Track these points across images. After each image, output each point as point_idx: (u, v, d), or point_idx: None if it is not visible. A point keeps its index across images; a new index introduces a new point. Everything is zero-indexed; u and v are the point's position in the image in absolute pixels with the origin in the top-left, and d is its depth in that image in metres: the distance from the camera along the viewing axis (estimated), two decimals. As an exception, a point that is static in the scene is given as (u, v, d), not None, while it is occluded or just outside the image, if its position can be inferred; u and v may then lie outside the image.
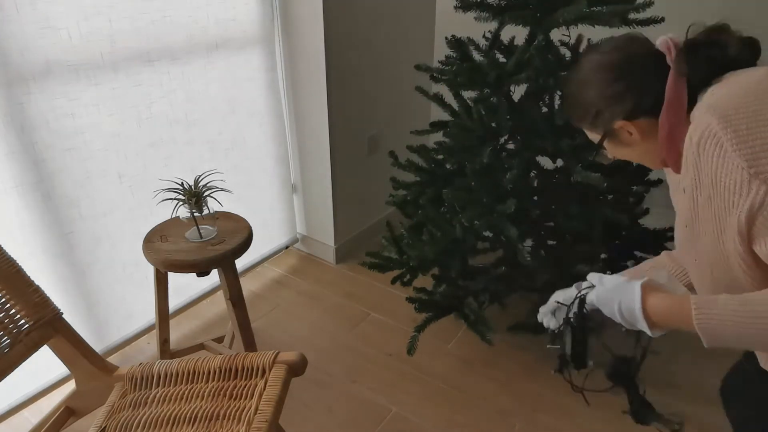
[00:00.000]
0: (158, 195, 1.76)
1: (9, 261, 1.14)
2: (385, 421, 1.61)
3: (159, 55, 1.68)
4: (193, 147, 1.89)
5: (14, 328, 1.11)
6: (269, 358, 1.17)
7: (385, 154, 2.50)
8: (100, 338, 1.80)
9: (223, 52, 1.88)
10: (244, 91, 2.01)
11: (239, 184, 2.13)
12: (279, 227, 2.42)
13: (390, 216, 2.66)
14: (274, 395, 1.09)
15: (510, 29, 1.57)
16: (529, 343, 1.90)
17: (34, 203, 1.50)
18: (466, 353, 1.88)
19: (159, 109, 1.74)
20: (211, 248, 1.46)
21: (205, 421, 1.07)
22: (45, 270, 1.57)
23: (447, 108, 1.70)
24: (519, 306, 2.08)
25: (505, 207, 1.44)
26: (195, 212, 1.48)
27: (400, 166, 1.81)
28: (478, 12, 1.54)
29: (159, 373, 1.18)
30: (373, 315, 2.08)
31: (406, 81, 2.49)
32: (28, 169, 1.46)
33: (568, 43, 1.64)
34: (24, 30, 1.35)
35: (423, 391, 1.72)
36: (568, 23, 1.40)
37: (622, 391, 1.10)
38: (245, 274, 2.33)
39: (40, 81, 1.42)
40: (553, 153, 1.50)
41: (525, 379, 1.76)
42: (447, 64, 1.66)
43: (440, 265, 1.74)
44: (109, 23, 1.52)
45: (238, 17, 1.89)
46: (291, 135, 2.28)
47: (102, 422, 1.08)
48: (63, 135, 1.51)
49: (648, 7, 1.39)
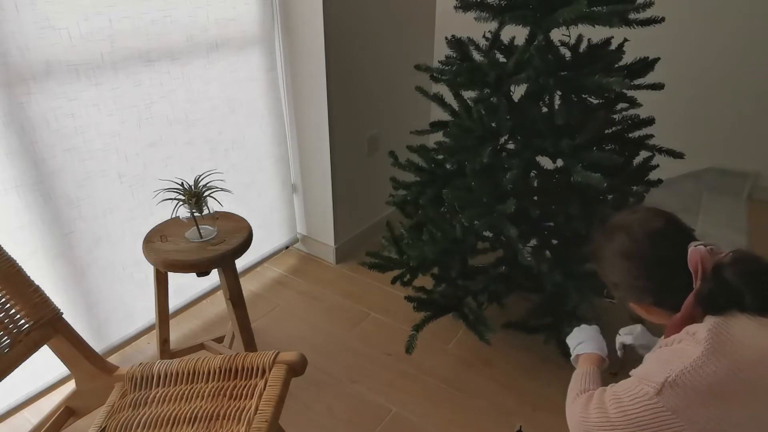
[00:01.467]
0: (158, 195, 1.76)
1: (9, 261, 1.14)
2: (385, 421, 1.61)
3: (159, 55, 1.68)
4: (193, 147, 1.89)
5: (14, 328, 1.11)
6: (269, 358, 1.17)
7: (385, 154, 2.50)
8: (100, 338, 1.80)
9: (223, 52, 1.88)
10: (244, 91, 2.01)
11: (239, 184, 2.13)
12: (279, 227, 2.42)
13: (390, 216, 2.66)
14: (274, 395, 1.09)
15: (510, 29, 1.57)
16: (528, 343, 1.90)
17: (34, 203, 1.50)
18: (465, 353, 1.88)
19: (159, 109, 1.74)
20: (211, 248, 1.46)
21: (205, 421, 1.07)
22: (45, 270, 1.57)
23: (447, 108, 1.70)
24: (518, 306, 2.08)
25: (505, 207, 1.44)
26: (195, 212, 1.48)
27: (400, 166, 1.81)
28: (478, 12, 1.54)
29: (159, 373, 1.18)
30: (372, 315, 2.08)
31: (406, 81, 2.49)
32: (28, 169, 1.46)
33: (568, 43, 1.64)
34: (24, 30, 1.35)
35: (423, 391, 1.72)
36: (568, 23, 1.40)
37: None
38: (245, 274, 2.33)
39: (40, 81, 1.42)
40: (553, 153, 1.50)
41: (525, 378, 1.76)
42: (447, 64, 1.66)
43: (440, 265, 1.74)
44: (109, 23, 1.52)
45: (238, 17, 1.89)
46: (291, 135, 2.28)
47: (102, 422, 1.08)
48: (63, 135, 1.51)
49: (648, 7, 1.40)
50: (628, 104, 1.63)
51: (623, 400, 0.81)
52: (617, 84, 1.33)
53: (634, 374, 0.84)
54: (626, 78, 1.50)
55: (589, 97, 1.60)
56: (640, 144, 1.64)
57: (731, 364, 0.74)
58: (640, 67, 1.57)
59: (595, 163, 1.42)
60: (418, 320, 1.74)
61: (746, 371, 0.74)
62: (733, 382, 0.73)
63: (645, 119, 1.64)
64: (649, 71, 1.57)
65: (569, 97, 1.55)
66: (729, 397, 0.73)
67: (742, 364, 0.74)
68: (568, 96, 1.55)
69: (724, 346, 0.75)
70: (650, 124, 1.64)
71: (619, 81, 1.32)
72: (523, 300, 2.11)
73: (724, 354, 0.74)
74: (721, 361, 0.74)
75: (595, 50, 1.59)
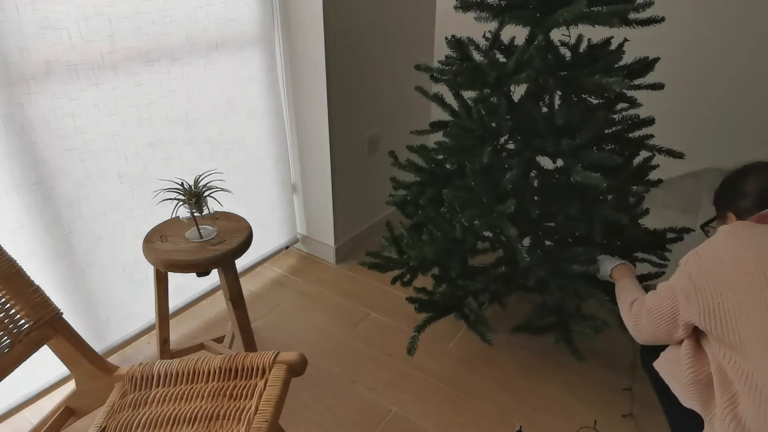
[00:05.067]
0: (158, 195, 1.76)
1: (9, 261, 1.14)
2: (385, 421, 1.61)
3: (159, 55, 1.68)
4: (193, 147, 1.89)
5: (14, 328, 1.11)
6: (269, 358, 1.17)
7: (385, 154, 2.51)
8: (100, 338, 1.80)
9: (223, 52, 1.88)
10: (244, 91, 2.01)
11: (239, 184, 2.13)
12: (279, 227, 2.42)
13: (390, 216, 2.67)
14: (274, 395, 1.09)
15: (510, 29, 1.57)
16: (529, 343, 1.90)
17: (34, 203, 1.50)
18: (466, 353, 1.88)
19: (159, 109, 1.74)
20: (211, 248, 1.46)
21: (205, 421, 1.07)
22: (45, 270, 1.57)
23: (447, 108, 1.70)
24: (519, 306, 2.08)
25: (505, 207, 1.44)
26: (195, 212, 1.48)
27: (400, 166, 1.81)
28: (478, 12, 1.54)
29: (159, 373, 1.18)
30: (373, 315, 2.08)
31: (406, 81, 2.49)
32: (28, 169, 1.46)
33: (568, 43, 1.64)
34: (24, 30, 1.36)
35: (423, 391, 1.72)
36: (568, 23, 1.40)
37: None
38: (245, 274, 2.33)
39: (40, 81, 1.42)
40: (553, 153, 1.50)
41: (525, 378, 1.76)
42: (447, 64, 1.66)
43: (440, 265, 1.74)
44: (109, 23, 1.52)
45: (238, 17, 1.89)
46: (291, 135, 2.28)
47: (102, 422, 1.08)
48: (63, 135, 1.51)
49: (648, 7, 1.40)
50: (628, 104, 1.63)
51: (657, 290, 1.15)
52: (617, 84, 1.33)
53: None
54: (626, 78, 1.50)
55: (589, 97, 1.60)
56: (640, 144, 1.64)
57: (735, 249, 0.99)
58: (640, 67, 1.57)
59: (595, 163, 1.42)
60: (418, 320, 1.74)
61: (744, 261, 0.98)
62: (731, 263, 0.99)
63: (645, 119, 1.64)
64: (649, 71, 1.57)
65: (569, 97, 1.55)
66: (721, 275, 0.99)
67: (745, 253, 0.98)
68: (568, 96, 1.55)
69: (738, 235, 1.02)
70: (650, 124, 1.64)
71: (619, 81, 1.32)
72: (524, 300, 2.11)
73: (737, 241, 1.00)
74: (729, 245, 1.00)
75: (595, 50, 1.59)
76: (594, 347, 1.89)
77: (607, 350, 1.88)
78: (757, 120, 2.38)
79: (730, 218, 1.17)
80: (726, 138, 2.46)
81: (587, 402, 1.67)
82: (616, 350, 1.87)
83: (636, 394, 1.69)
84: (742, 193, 1.16)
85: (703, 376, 1.06)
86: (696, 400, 1.07)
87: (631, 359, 1.83)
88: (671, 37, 2.21)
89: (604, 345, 1.90)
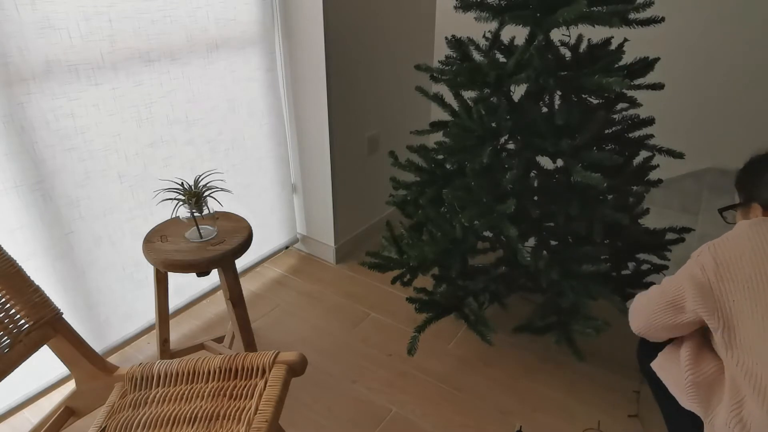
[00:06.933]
0: (158, 195, 1.76)
1: (9, 261, 1.14)
2: (385, 421, 1.61)
3: (159, 55, 1.68)
4: (193, 147, 1.89)
5: (14, 328, 1.11)
6: (269, 358, 1.17)
7: (385, 154, 2.51)
8: (100, 338, 1.80)
9: (223, 52, 1.88)
10: (244, 90, 2.01)
11: (239, 184, 2.13)
12: (279, 227, 2.42)
13: (390, 216, 2.67)
14: (274, 395, 1.09)
15: (510, 29, 1.57)
16: (529, 343, 1.90)
17: (34, 203, 1.50)
18: (466, 353, 1.88)
19: (159, 109, 1.74)
20: (211, 248, 1.46)
21: (205, 421, 1.07)
22: (45, 270, 1.57)
23: (447, 108, 1.70)
24: (519, 306, 2.08)
25: (505, 207, 1.44)
26: (195, 212, 1.48)
27: (400, 166, 1.81)
28: (478, 12, 1.54)
29: (159, 373, 1.18)
30: (373, 315, 2.08)
31: (406, 81, 2.49)
32: (28, 169, 1.46)
33: (568, 43, 1.64)
34: (24, 30, 1.36)
35: (423, 391, 1.72)
36: (568, 23, 1.40)
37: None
38: (245, 274, 2.33)
39: (40, 81, 1.42)
40: (553, 153, 1.50)
41: (525, 378, 1.76)
42: (447, 64, 1.66)
43: (440, 265, 1.74)
44: (109, 23, 1.52)
45: (238, 17, 1.89)
46: (291, 135, 2.28)
47: (102, 422, 1.08)
48: (63, 135, 1.51)
49: (648, 7, 1.40)
50: (628, 104, 1.63)
51: (663, 280, 1.14)
52: (617, 84, 1.33)
53: None
54: (626, 78, 1.50)
55: (589, 97, 1.60)
56: (640, 144, 1.64)
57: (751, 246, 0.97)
58: (640, 67, 1.57)
59: (595, 163, 1.42)
60: (418, 320, 1.74)
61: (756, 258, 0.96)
62: (744, 259, 0.96)
63: (645, 119, 1.64)
64: (649, 71, 1.57)
65: (569, 97, 1.55)
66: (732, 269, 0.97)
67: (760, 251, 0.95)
68: (568, 96, 1.55)
69: (765, 235, 0.98)
70: (650, 124, 1.64)
71: (619, 81, 1.33)
72: (525, 300, 2.11)
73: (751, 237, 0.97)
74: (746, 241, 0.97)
75: (595, 50, 1.59)
76: (595, 348, 1.89)
77: (608, 351, 1.88)
78: (758, 120, 2.38)
79: (755, 211, 1.10)
80: (726, 138, 2.46)
81: (588, 402, 1.67)
82: (617, 351, 1.87)
83: (643, 395, 1.69)
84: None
85: (703, 379, 1.06)
86: (695, 402, 1.06)
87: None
88: (671, 37, 2.21)
89: (606, 345, 1.90)
